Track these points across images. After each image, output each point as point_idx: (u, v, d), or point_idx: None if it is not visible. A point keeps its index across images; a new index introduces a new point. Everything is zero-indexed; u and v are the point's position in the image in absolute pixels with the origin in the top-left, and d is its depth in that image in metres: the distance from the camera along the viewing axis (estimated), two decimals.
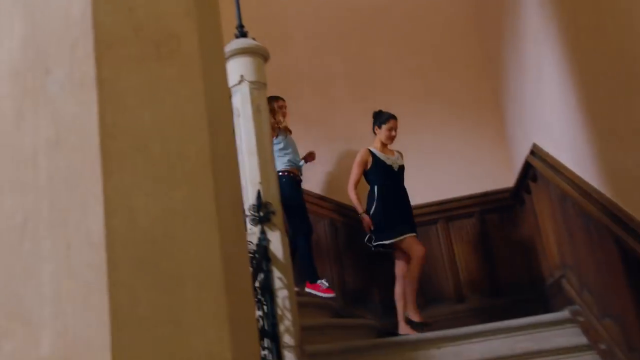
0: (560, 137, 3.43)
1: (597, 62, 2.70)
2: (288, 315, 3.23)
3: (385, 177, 4.42)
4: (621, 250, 2.65)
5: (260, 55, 3.68)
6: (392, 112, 4.60)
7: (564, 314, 3.58)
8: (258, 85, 3.63)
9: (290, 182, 4.63)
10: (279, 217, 3.45)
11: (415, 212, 4.85)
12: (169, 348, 1.27)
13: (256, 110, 3.56)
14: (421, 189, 4.72)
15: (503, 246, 4.90)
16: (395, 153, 4.58)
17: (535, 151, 3.90)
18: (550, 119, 3.61)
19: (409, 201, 4.42)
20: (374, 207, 4.34)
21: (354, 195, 4.43)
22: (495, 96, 5.12)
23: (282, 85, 5.29)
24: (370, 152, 4.50)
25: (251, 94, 3.57)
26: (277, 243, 3.37)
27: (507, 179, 4.83)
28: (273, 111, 4.73)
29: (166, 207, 1.36)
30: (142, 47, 1.45)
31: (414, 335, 3.71)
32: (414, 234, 4.26)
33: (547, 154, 3.68)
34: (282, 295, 3.27)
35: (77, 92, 1.40)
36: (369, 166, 4.47)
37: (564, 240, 3.66)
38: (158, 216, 1.34)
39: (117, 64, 1.42)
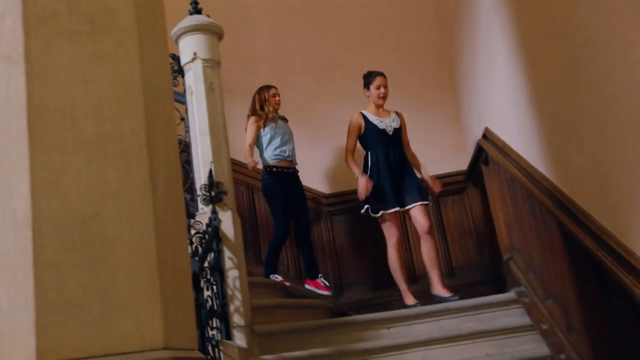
0: (511, 122, 3.49)
1: (546, 51, 2.74)
2: (238, 295, 3.23)
3: (377, 142, 4.16)
4: (563, 235, 2.72)
5: (214, 33, 3.63)
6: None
7: (510, 295, 3.67)
8: (211, 64, 3.58)
9: (270, 176, 4.55)
10: (230, 197, 3.43)
11: None
12: (98, 330, 1.25)
13: (209, 89, 3.51)
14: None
15: (457, 228, 4.98)
16: (392, 114, 4.29)
17: (487, 135, 3.96)
18: (501, 105, 3.66)
19: (408, 168, 4.16)
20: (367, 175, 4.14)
21: (350, 162, 4.21)
22: (451, 81, 5.16)
23: (239, 65, 5.25)
24: (363, 115, 4.26)
25: (204, 72, 3.52)
26: (228, 223, 3.35)
27: (461, 162, 4.89)
28: (264, 101, 4.67)
29: (98, 186, 1.34)
30: (75, 21, 1.41)
31: (364, 315, 3.75)
32: (405, 207, 4.06)
33: (498, 138, 3.74)
34: (233, 275, 3.27)
35: (3, 67, 1.36)
36: (362, 131, 4.23)
37: (512, 223, 3.74)
38: (89, 196, 1.32)
39: (48, 39, 1.38)
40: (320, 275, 4.54)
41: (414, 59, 5.16)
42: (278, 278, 4.42)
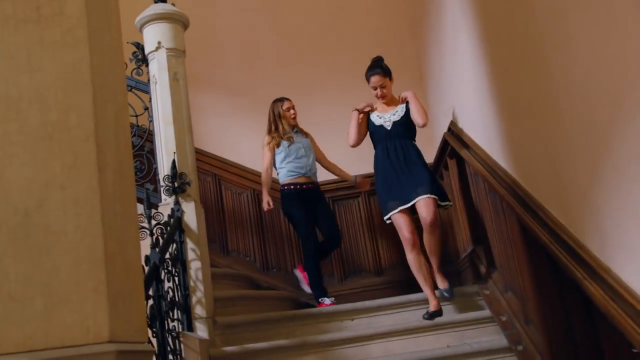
0: (474, 116, 3.52)
1: (507, 47, 2.76)
2: (200, 286, 3.21)
3: (379, 139, 3.86)
4: (522, 228, 2.76)
5: (179, 22, 3.59)
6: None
7: (472, 287, 3.72)
8: (176, 53, 3.54)
9: (287, 196, 4.23)
10: (194, 188, 3.41)
11: (336, 185, 4.90)
12: (40, 324, 1.23)
13: (173, 78, 3.47)
14: (345, 162, 4.73)
15: None
16: (399, 105, 3.89)
17: (452, 129, 3.99)
18: (465, 99, 3.69)
19: (414, 161, 3.71)
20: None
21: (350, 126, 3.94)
22: (419, 74, 5.19)
23: (206, 54, 5.20)
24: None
25: (168, 61, 3.48)
26: (191, 214, 3.33)
27: (429, 156, 4.91)
28: (279, 118, 4.33)
29: (42, 177, 1.31)
30: (20, 9, 1.38)
31: (328, 307, 3.76)
32: (410, 203, 3.60)
33: (462, 132, 3.77)
34: (195, 266, 3.25)
35: None
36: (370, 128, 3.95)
37: (475, 216, 3.78)
38: (33, 187, 1.30)
39: None
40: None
41: (381, 51, 5.16)
42: (326, 301, 3.95)
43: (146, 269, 2.67)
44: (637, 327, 1.73)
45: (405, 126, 3.82)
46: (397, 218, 3.64)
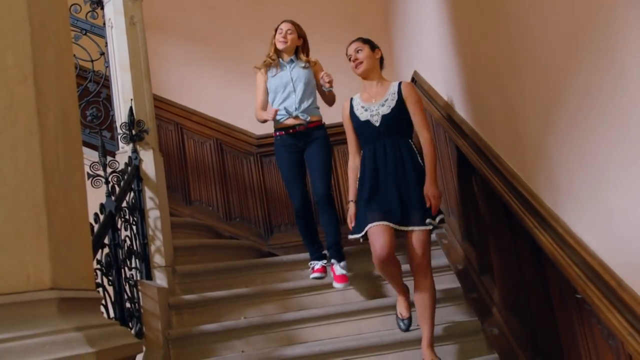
0: (436, 67, 3.50)
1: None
2: (159, 235, 3.19)
3: (364, 139, 2.98)
4: (478, 179, 2.79)
5: None
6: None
7: (432, 236, 3.76)
8: None
9: (276, 145, 3.58)
10: (152, 136, 3.35)
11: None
12: None
13: (130, 22, 3.36)
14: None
15: None
16: (389, 90, 2.97)
17: (415, 78, 3.97)
18: (428, 49, 3.66)
19: (410, 175, 2.83)
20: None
21: (350, 175, 3.06)
22: (384, 22, 5.12)
23: None
24: (350, 102, 3.08)
25: (125, 4, 3.36)
26: (149, 162, 3.28)
27: None
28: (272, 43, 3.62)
29: None
30: None
31: (289, 256, 3.78)
32: (398, 226, 2.77)
33: (424, 82, 3.75)
34: (154, 215, 3.22)
35: None
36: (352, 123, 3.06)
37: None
38: None
39: None
40: (338, 261, 3.39)
41: None
42: (317, 265, 3.41)
43: (101, 217, 2.63)
44: (582, 274, 1.78)
45: (398, 119, 2.91)
46: (374, 232, 2.75)
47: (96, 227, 2.50)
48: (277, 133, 3.54)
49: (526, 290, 2.39)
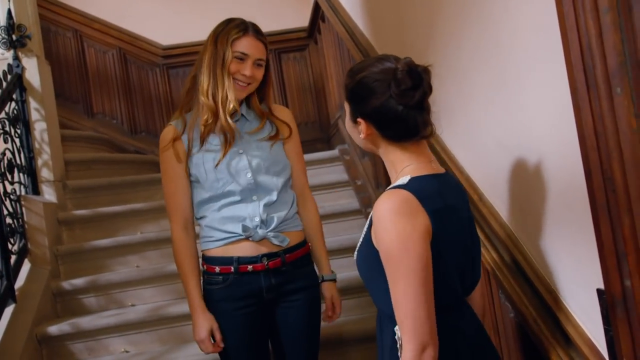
0: None
1: None
2: (47, 148, 3.04)
3: None
4: None
5: None
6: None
7: (334, 152, 3.76)
8: None
9: (211, 292, 1.71)
10: (36, 42, 3.12)
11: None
12: None
13: None
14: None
15: (297, 86, 4.94)
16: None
17: None
18: None
19: None
20: None
21: None
22: None
23: None
24: None
25: None
26: (34, 71, 3.07)
27: (304, 19, 4.76)
28: (220, 68, 1.68)
29: None
30: None
31: None
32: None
33: None
34: (40, 127, 3.06)
35: None
36: None
37: (342, 81, 3.75)
38: None
39: None
40: None
41: None
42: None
43: None
44: None
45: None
46: None
47: None
48: (217, 269, 1.73)
49: None
